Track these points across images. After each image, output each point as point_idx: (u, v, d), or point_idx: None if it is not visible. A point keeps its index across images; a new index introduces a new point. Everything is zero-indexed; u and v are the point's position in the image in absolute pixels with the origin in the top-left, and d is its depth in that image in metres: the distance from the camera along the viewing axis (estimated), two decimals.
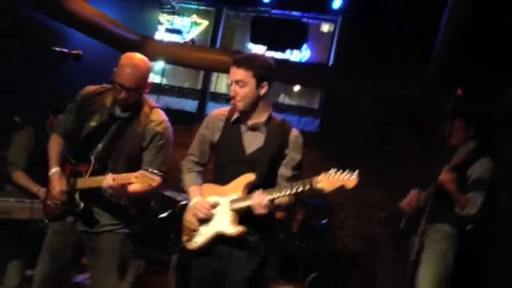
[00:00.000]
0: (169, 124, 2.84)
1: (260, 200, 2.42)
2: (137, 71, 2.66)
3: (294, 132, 2.68)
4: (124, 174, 2.52)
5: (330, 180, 2.26)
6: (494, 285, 3.78)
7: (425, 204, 3.26)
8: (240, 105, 2.59)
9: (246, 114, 2.65)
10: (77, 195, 2.71)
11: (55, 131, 2.93)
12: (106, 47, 5.31)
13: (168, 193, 5.23)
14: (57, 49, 2.78)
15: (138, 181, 2.46)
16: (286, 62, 6.22)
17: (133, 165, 2.66)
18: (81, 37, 4.97)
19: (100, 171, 2.67)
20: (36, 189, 3.63)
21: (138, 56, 2.72)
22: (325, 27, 7.14)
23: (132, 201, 2.80)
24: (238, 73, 2.55)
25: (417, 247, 2.45)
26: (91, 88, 2.87)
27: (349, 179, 2.24)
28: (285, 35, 5.87)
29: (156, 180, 2.43)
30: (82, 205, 2.69)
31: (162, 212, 4.97)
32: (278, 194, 2.42)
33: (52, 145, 2.87)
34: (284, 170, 2.63)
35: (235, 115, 2.69)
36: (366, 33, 5.90)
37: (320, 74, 5.99)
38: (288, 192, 2.40)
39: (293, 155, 2.65)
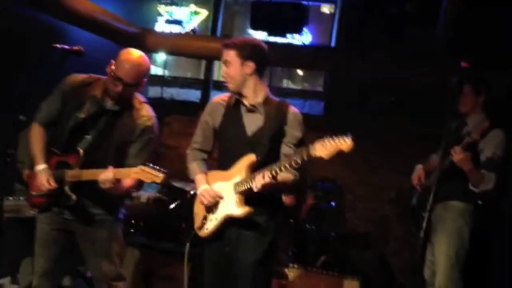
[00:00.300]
0: (155, 118, 2.91)
1: (260, 178, 2.45)
2: (139, 67, 2.73)
3: (292, 110, 2.73)
4: (123, 169, 2.57)
5: (326, 147, 2.28)
6: (509, 260, 3.79)
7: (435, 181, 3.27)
8: (230, 85, 2.70)
9: (240, 95, 2.71)
10: (67, 188, 2.71)
11: (36, 119, 2.89)
12: (107, 42, 5.30)
13: (176, 183, 5.26)
14: (58, 46, 2.78)
15: (138, 176, 2.49)
16: (287, 46, 6.18)
17: (122, 159, 2.74)
18: (82, 33, 4.97)
19: (89, 163, 2.70)
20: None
21: (140, 52, 2.78)
22: (326, 8, 7.08)
23: (120, 194, 2.86)
24: (224, 54, 2.70)
25: (425, 224, 2.46)
26: (78, 77, 2.88)
27: (345, 142, 2.26)
28: (285, 19, 5.83)
29: (160, 176, 2.49)
30: (74, 197, 2.70)
31: (172, 203, 5.01)
32: (277, 169, 2.44)
33: (34, 137, 2.84)
34: (286, 148, 2.67)
35: (234, 98, 2.74)
36: (367, 11, 5.84)
37: (323, 56, 5.94)
38: (286, 164, 2.41)
39: (293, 132, 2.68)
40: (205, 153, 2.89)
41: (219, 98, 2.87)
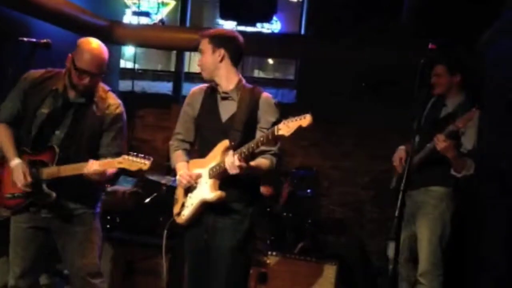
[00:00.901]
0: (122, 105, 2.92)
1: (230, 159, 2.48)
2: (101, 55, 2.71)
3: (265, 95, 2.77)
4: (107, 160, 2.55)
5: (288, 125, 2.35)
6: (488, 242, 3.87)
7: (419, 164, 3.30)
8: (203, 73, 2.76)
9: (213, 82, 2.76)
10: (44, 186, 2.68)
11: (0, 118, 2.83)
12: (74, 35, 5.20)
13: (152, 177, 5.22)
14: (25, 39, 2.73)
15: (124, 166, 2.49)
16: (257, 35, 6.19)
17: (95, 150, 2.74)
18: (49, 27, 4.86)
19: (63, 159, 2.68)
20: None
21: (97, 41, 2.76)
22: None
23: (101, 184, 2.88)
24: (200, 43, 2.76)
25: (399, 203, 2.51)
26: (36, 72, 2.84)
27: (304, 118, 2.33)
28: (254, 8, 5.81)
29: (147, 163, 2.51)
30: (54, 194, 2.68)
31: (148, 197, 4.97)
32: (245, 150, 2.49)
33: (2, 136, 2.79)
34: (260, 133, 2.68)
35: (210, 87, 2.80)
36: None
37: (293, 44, 5.97)
38: (253, 145, 2.48)
39: (266, 117, 2.71)
40: (187, 143, 2.92)
41: (198, 88, 2.90)
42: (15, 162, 2.70)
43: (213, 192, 2.62)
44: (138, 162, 2.51)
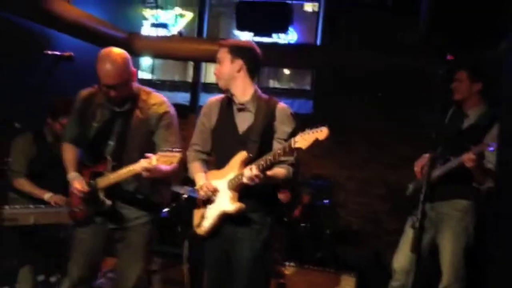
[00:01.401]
0: (168, 101, 2.92)
1: (248, 172, 2.49)
2: (115, 66, 2.68)
3: (281, 105, 2.77)
4: (149, 158, 2.55)
5: (305, 138, 2.36)
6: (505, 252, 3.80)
7: (440, 179, 3.26)
8: (220, 82, 2.75)
9: (229, 92, 2.75)
10: (101, 195, 2.76)
11: (63, 140, 3.02)
12: (95, 47, 5.29)
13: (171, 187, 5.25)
14: (49, 52, 2.78)
15: (160, 163, 2.51)
16: (274, 45, 6.21)
17: (149, 152, 2.69)
18: (71, 40, 4.95)
19: (118, 167, 2.74)
20: (47, 195, 3.66)
21: (113, 51, 2.74)
22: (308, 6, 7.12)
23: (155, 187, 2.87)
24: (218, 52, 2.75)
25: (419, 215, 2.47)
26: (85, 91, 2.94)
27: (321, 131, 2.34)
28: (270, 19, 5.86)
29: (176, 155, 2.50)
30: (109, 202, 2.76)
31: (166, 207, 4.99)
32: (263, 162, 2.49)
33: (65, 152, 2.97)
34: (277, 144, 2.69)
35: (226, 98, 2.80)
36: (349, 7, 5.90)
37: (309, 54, 5.99)
38: (270, 157, 2.49)
39: (283, 127, 2.72)
40: (204, 154, 2.92)
41: (214, 99, 2.91)
42: (71, 175, 2.84)
43: (233, 204, 2.63)
44: (169, 157, 2.50)
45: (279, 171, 2.66)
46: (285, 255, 4.76)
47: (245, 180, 2.51)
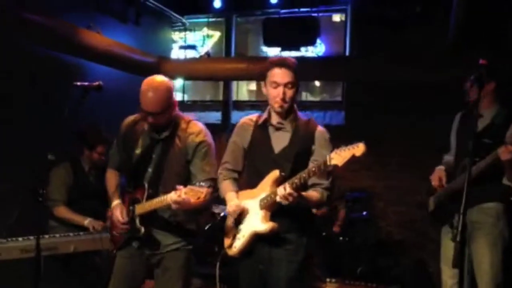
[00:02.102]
0: (208, 132, 2.90)
1: (281, 190, 2.45)
2: (158, 94, 2.70)
3: (320, 129, 2.75)
4: (179, 190, 2.54)
5: (340, 155, 2.31)
6: None
7: (462, 183, 3.14)
8: (286, 106, 2.67)
9: (281, 114, 2.71)
10: (137, 221, 2.81)
11: (109, 166, 3.09)
12: (125, 74, 5.42)
13: None
14: (78, 83, 2.83)
15: (188, 197, 2.48)
16: (303, 59, 6.20)
17: (183, 182, 2.69)
18: (100, 67, 5.09)
19: (154, 194, 2.76)
20: (86, 221, 3.75)
21: (157, 79, 2.76)
22: (337, 17, 7.08)
23: (190, 215, 2.86)
24: (289, 75, 2.64)
25: (460, 227, 2.34)
26: (130, 118, 2.99)
27: (357, 147, 2.28)
28: (297, 33, 5.87)
29: (203, 191, 2.47)
30: (142, 229, 2.79)
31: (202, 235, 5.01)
32: (296, 180, 2.45)
33: (109, 179, 3.04)
34: (312, 165, 2.62)
35: (263, 118, 2.77)
36: (377, 17, 5.84)
37: (339, 66, 5.95)
38: (304, 175, 2.44)
39: (321, 151, 2.67)
40: (236, 172, 2.92)
41: (247, 118, 2.90)
42: (114, 203, 2.91)
43: (265, 224, 2.60)
44: (197, 191, 2.47)
45: (312, 194, 2.62)
46: (325, 271, 4.68)
47: (278, 198, 2.48)
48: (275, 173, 2.60)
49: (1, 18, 3.88)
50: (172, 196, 2.54)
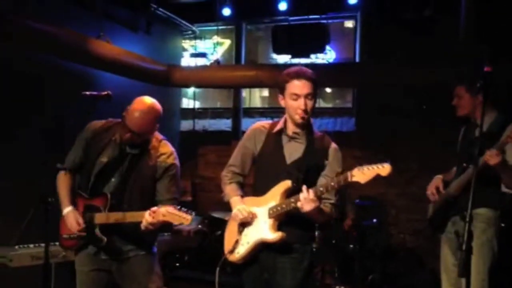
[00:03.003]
0: (175, 153, 2.94)
1: (305, 194, 2.43)
2: (146, 117, 2.72)
3: (334, 145, 2.74)
4: (156, 212, 2.58)
5: (364, 172, 2.31)
6: None
7: (461, 189, 3.10)
8: (307, 117, 2.65)
9: (301, 125, 2.69)
10: (97, 230, 2.76)
11: (63, 167, 2.96)
12: (136, 82, 5.45)
13: (216, 214, 5.29)
14: (87, 93, 2.86)
15: (167, 219, 2.52)
16: (313, 66, 6.20)
17: (147, 197, 2.78)
18: (110, 75, 5.14)
19: (116, 205, 2.75)
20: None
21: (149, 101, 2.78)
22: (349, 23, 7.08)
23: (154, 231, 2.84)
24: (309, 86, 2.62)
25: (466, 235, 2.31)
26: (98, 123, 2.95)
27: (383, 167, 2.28)
28: (307, 40, 5.87)
29: (188, 218, 2.50)
30: (105, 239, 2.75)
31: (213, 234, 5.02)
32: (322, 188, 2.45)
33: (61, 183, 2.92)
34: (323, 180, 2.63)
35: (278, 127, 2.76)
36: (387, 22, 5.83)
37: (349, 72, 5.94)
38: (321, 188, 2.45)
39: (334, 167, 2.67)
40: (241, 176, 2.90)
41: (260, 125, 2.88)
42: (67, 209, 2.84)
43: (273, 233, 2.58)
44: (180, 217, 2.53)
45: (324, 207, 2.60)
46: (336, 279, 4.66)
47: (299, 204, 2.45)
48: (287, 184, 2.59)
49: (11, 28, 3.92)
50: (147, 218, 2.57)
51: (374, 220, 5.27)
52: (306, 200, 2.42)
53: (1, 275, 3.57)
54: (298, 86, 2.62)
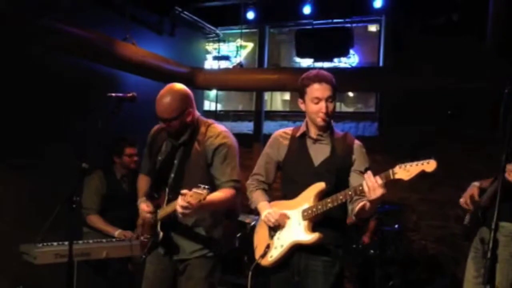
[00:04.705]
0: (228, 133, 2.89)
1: (373, 180, 2.33)
2: (170, 101, 2.74)
3: (358, 142, 2.76)
4: (183, 195, 2.52)
5: (407, 169, 2.27)
6: None
7: (490, 200, 3.03)
8: (328, 120, 2.68)
9: (323, 128, 2.71)
10: (158, 226, 2.84)
11: (141, 172, 3.17)
12: (160, 84, 5.51)
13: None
14: (113, 95, 2.90)
15: (192, 200, 2.45)
16: (337, 70, 6.18)
17: (207, 183, 2.66)
18: (134, 77, 5.21)
19: (173, 199, 2.74)
20: (117, 232, 3.83)
21: (170, 86, 2.82)
22: (373, 27, 7.04)
23: (217, 219, 2.87)
24: (329, 89, 2.65)
25: (491, 243, 2.27)
26: (155, 126, 3.06)
27: (428, 163, 2.25)
28: (330, 43, 5.85)
29: (203, 193, 2.42)
30: (161, 234, 2.82)
31: (234, 236, 5.04)
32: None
33: (140, 182, 3.13)
34: (355, 175, 2.64)
35: (301, 131, 2.77)
36: (412, 27, 5.78)
37: (372, 77, 5.90)
38: (380, 182, 2.32)
39: (360, 162, 2.67)
40: (266, 184, 2.91)
41: (282, 131, 2.90)
42: (140, 200, 2.99)
43: (309, 234, 2.57)
44: (198, 194, 2.43)
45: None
46: (357, 284, 4.63)
47: (366, 188, 2.33)
48: (320, 185, 2.58)
49: (39, 31, 4.01)
50: (178, 201, 2.51)
51: (396, 226, 5.22)
52: (373, 187, 2.32)
53: (26, 272, 3.66)
54: (319, 90, 2.64)
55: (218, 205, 2.73)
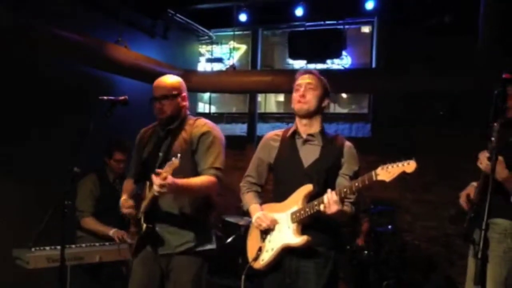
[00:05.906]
0: (214, 125, 2.94)
1: (329, 195, 2.41)
2: (164, 81, 2.93)
3: (348, 143, 2.75)
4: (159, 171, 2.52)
5: (389, 171, 2.28)
6: None
7: (480, 195, 3.05)
8: (305, 106, 2.67)
9: (302, 123, 2.72)
10: (142, 219, 2.82)
11: (128, 175, 3.16)
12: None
13: (229, 218, 5.30)
14: (105, 98, 2.90)
15: (165, 171, 2.45)
16: (329, 71, 6.20)
17: (190, 175, 2.73)
18: (127, 80, 5.20)
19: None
20: (111, 231, 3.81)
21: (166, 75, 3.01)
22: (366, 29, 7.06)
23: (199, 208, 2.84)
24: (310, 77, 2.70)
25: (482, 243, 2.27)
26: (143, 129, 3.11)
27: (408, 164, 2.25)
28: (323, 45, 5.87)
29: (175, 162, 2.44)
30: (144, 226, 2.78)
31: (227, 238, 5.03)
32: (346, 189, 2.42)
33: (125, 184, 3.12)
34: (342, 179, 2.64)
35: (291, 130, 2.77)
36: (404, 28, 5.81)
37: (365, 78, 5.92)
38: (345, 189, 2.42)
39: (349, 165, 2.67)
40: (258, 186, 2.92)
41: (272, 133, 2.90)
42: (122, 198, 2.95)
43: (298, 237, 2.57)
44: (170, 164, 2.45)
45: (347, 207, 2.58)
46: (351, 285, 4.63)
47: (322, 207, 2.43)
48: (309, 187, 2.58)
49: (30, 34, 4.00)
50: (154, 180, 2.49)
51: (389, 227, 5.23)
52: (330, 202, 2.40)
53: (18, 277, 3.64)
54: (301, 79, 2.70)
55: (195, 188, 2.72)
